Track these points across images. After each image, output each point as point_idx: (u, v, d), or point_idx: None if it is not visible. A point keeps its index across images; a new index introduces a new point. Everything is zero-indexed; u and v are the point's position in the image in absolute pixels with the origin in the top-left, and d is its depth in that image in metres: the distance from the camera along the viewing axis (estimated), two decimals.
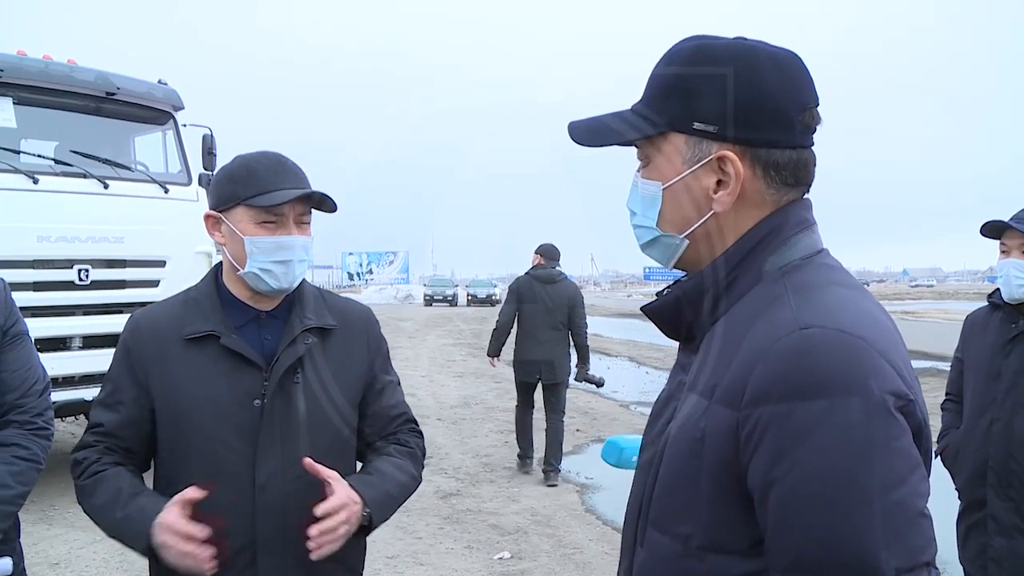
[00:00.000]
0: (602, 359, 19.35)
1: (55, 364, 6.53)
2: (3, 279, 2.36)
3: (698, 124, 1.20)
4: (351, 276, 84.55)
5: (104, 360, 2.27)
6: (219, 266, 2.11)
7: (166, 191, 7.48)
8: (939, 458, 3.49)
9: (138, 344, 2.00)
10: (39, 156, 6.90)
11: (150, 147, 8.05)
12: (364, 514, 1.93)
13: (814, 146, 1.25)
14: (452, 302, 51.47)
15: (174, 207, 7.47)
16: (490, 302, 50.52)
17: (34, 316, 6.24)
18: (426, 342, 22.58)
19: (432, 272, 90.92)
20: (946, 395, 3.65)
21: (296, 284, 2.04)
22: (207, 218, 2.04)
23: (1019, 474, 3.11)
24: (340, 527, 1.86)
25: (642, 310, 1.35)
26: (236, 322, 2.01)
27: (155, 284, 7.31)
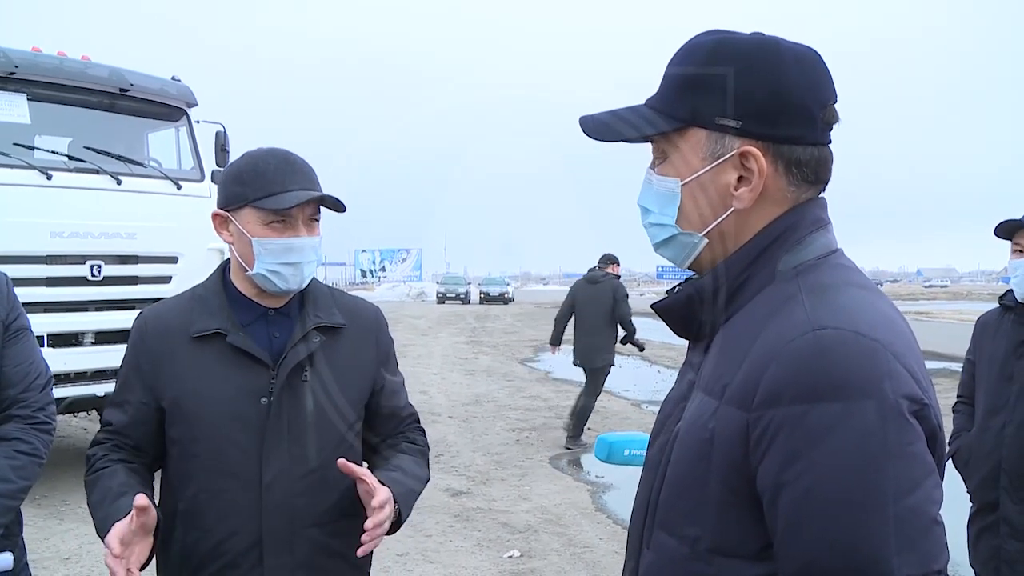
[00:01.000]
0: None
1: (67, 360, 6.57)
2: (6, 274, 2.35)
3: (720, 119, 1.18)
4: (364, 273, 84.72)
5: (116, 356, 2.27)
6: (226, 263, 2.09)
7: (179, 187, 7.49)
8: (951, 460, 3.47)
9: (146, 343, 2.00)
10: (53, 152, 6.92)
11: (163, 143, 8.08)
12: (396, 510, 1.93)
13: (832, 143, 1.23)
14: (465, 300, 51.37)
15: (187, 203, 7.47)
16: (503, 300, 50.39)
17: (47, 312, 6.26)
18: (439, 340, 22.58)
19: (445, 270, 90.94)
20: (957, 397, 3.62)
21: (305, 284, 2.03)
22: (215, 217, 2.02)
23: None
24: (387, 521, 1.87)
25: (652, 308, 1.33)
26: (244, 319, 2.00)
27: (167, 280, 7.34)
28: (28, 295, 2.38)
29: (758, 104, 1.17)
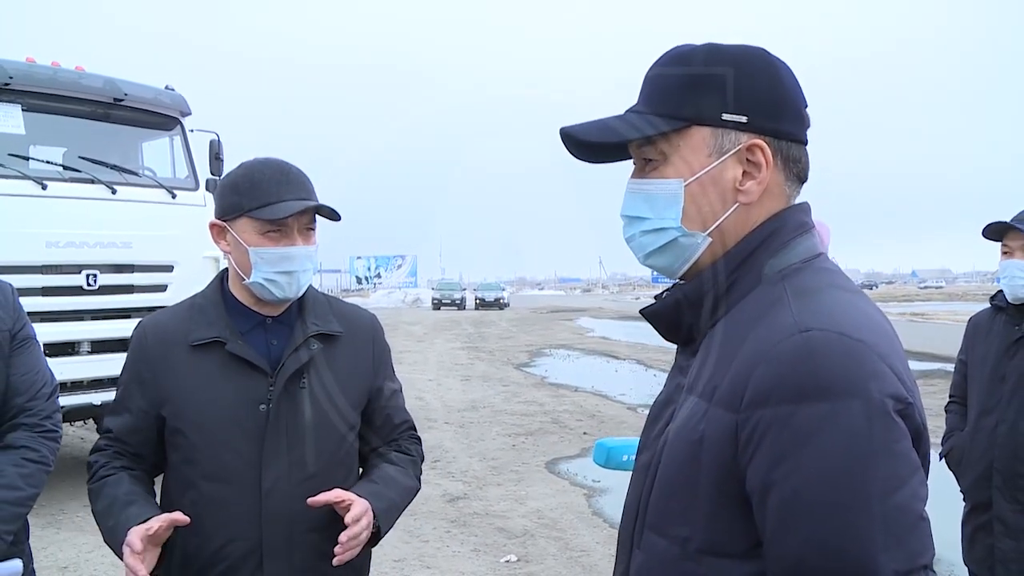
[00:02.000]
0: (610, 362, 19.33)
1: (64, 369, 6.55)
2: (11, 284, 2.38)
3: (727, 115, 1.21)
4: (359, 280, 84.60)
5: (112, 364, 2.30)
6: (225, 272, 2.11)
7: (174, 196, 7.51)
8: (944, 460, 3.49)
9: (145, 351, 2.02)
10: (48, 162, 6.95)
11: (158, 152, 8.09)
12: (374, 524, 1.97)
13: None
14: (460, 306, 51.27)
15: (182, 212, 7.49)
16: (498, 305, 50.14)
17: (43, 321, 6.24)
18: (435, 346, 22.57)
19: (440, 275, 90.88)
20: (950, 398, 3.64)
21: (302, 292, 2.06)
22: (212, 227, 2.05)
23: None
24: (363, 533, 1.90)
25: (641, 313, 1.34)
26: (242, 327, 2.02)
27: (163, 289, 7.35)
28: (24, 305, 2.40)
29: (761, 100, 1.22)
